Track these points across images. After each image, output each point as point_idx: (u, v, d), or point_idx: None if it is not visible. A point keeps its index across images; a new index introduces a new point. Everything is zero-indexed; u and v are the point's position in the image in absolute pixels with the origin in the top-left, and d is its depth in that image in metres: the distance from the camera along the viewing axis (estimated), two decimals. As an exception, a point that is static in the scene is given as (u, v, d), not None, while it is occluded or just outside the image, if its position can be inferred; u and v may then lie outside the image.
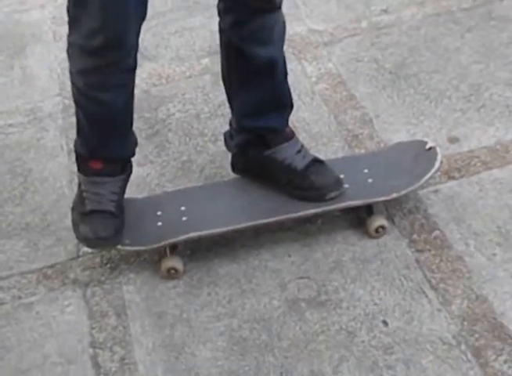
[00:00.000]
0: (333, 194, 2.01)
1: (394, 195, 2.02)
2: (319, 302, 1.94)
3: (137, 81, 2.67)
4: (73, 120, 2.03)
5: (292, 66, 2.65)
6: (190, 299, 2.00)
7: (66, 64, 1.92)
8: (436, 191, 2.17)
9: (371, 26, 2.82)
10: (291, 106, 2.11)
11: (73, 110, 2.02)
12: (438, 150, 2.09)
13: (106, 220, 1.95)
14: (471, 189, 2.16)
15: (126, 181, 2.04)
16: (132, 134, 2.09)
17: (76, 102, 1.96)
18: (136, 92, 2.60)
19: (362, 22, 2.85)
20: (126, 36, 1.79)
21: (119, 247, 2.00)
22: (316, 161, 2.06)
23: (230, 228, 2.01)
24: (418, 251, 2.03)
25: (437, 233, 2.07)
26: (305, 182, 2.02)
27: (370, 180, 2.07)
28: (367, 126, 2.42)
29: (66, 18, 1.82)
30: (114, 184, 1.99)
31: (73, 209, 2.03)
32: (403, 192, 2.02)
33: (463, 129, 2.35)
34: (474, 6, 2.82)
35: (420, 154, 2.10)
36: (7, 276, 2.14)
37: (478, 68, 2.56)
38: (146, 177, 2.36)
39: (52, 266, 2.14)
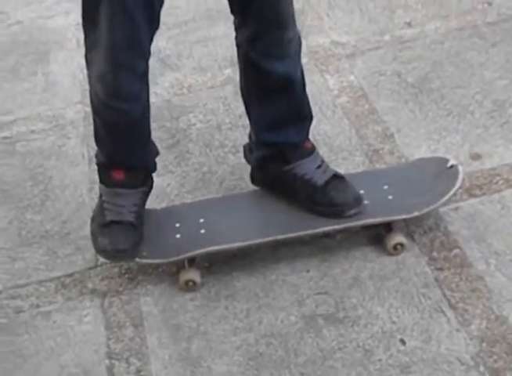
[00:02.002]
0: (352, 211, 2.00)
1: (415, 213, 2.01)
2: (337, 319, 1.93)
3: (158, 90, 2.73)
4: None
5: (314, 78, 2.65)
6: (207, 312, 2.00)
7: (88, 72, 1.94)
8: (457, 208, 2.16)
9: (394, 39, 2.81)
10: (311, 119, 2.10)
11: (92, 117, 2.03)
12: (459, 168, 2.08)
13: (125, 232, 1.96)
14: (493, 207, 2.15)
15: (147, 194, 2.05)
16: (152, 143, 2.10)
17: (93, 109, 1.97)
18: (157, 101, 2.65)
19: (385, 35, 2.84)
20: (136, 43, 1.80)
21: (137, 259, 2.00)
22: (336, 177, 2.05)
23: (248, 243, 2.01)
24: (437, 269, 2.01)
25: (457, 251, 2.05)
26: (325, 198, 2.01)
27: (390, 197, 2.06)
28: (388, 141, 2.41)
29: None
30: (135, 196, 2.00)
31: (92, 220, 2.04)
32: (424, 210, 2.01)
33: (485, 146, 2.33)
34: (499, 21, 2.81)
35: (441, 172, 2.09)
36: (26, 283, 2.15)
37: (502, 84, 2.54)
38: (165, 187, 2.36)
39: (70, 275, 2.15)
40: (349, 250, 2.09)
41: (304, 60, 2.11)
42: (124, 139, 1.97)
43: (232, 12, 1.92)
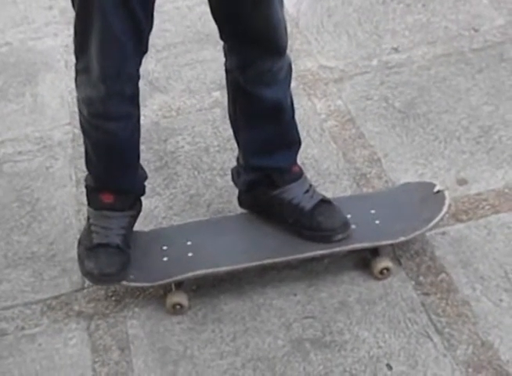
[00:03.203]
0: (340, 236, 2.01)
1: (402, 238, 2.02)
2: (324, 343, 1.93)
3: (147, 112, 2.74)
4: (83, 149, 2.04)
5: (302, 102, 2.67)
6: (194, 336, 1.99)
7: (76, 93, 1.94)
8: (443, 233, 2.17)
9: (381, 64, 2.83)
10: (299, 144, 2.12)
11: (82, 139, 2.03)
12: (446, 193, 2.09)
13: (111, 255, 1.96)
14: (479, 232, 2.16)
15: (135, 217, 2.05)
16: (141, 167, 2.10)
17: (83, 130, 1.98)
18: (146, 123, 2.66)
19: (372, 60, 2.86)
20: (124, 68, 1.81)
21: (124, 283, 1.99)
22: (324, 202, 2.06)
23: (236, 266, 2.01)
24: (424, 293, 2.02)
25: (443, 275, 2.06)
26: (312, 222, 2.02)
27: (377, 221, 2.07)
28: (375, 165, 2.42)
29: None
30: (123, 219, 2.00)
31: (79, 243, 2.04)
32: (410, 236, 2.02)
33: (471, 171, 2.35)
34: (485, 47, 2.84)
35: (427, 197, 2.10)
36: (11, 306, 2.14)
37: (488, 110, 2.57)
38: (153, 209, 2.36)
39: (56, 297, 2.14)
40: (336, 274, 2.09)
41: (292, 84, 2.12)
42: (113, 161, 1.97)
43: (222, 38, 1.92)
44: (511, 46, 2.82)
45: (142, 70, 1.88)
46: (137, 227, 2.12)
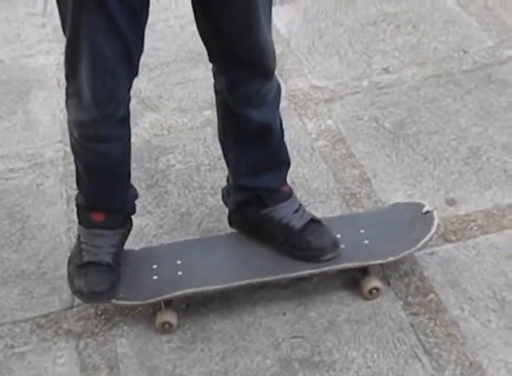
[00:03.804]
0: (329, 256, 2.02)
1: (391, 258, 2.03)
2: (312, 363, 1.94)
3: (139, 130, 2.75)
4: (74, 167, 2.05)
5: (293, 121, 2.69)
6: (183, 355, 1.99)
7: (68, 111, 1.95)
8: (432, 253, 2.18)
9: (372, 84, 2.85)
10: (288, 164, 2.13)
11: (73, 158, 2.04)
12: (434, 214, 2.11)
13: (101, 273, 1.96)
14: (467, 253, 2.17)
15: (126, 235, 2.05)
16: (132, 186, 2.11)
17: (73, 152, 1.98)
18: (137, 141, 2.67)
19: (363, 80, 2.88)
20: (115, 93, 1.82)
21: (113, 301, 2.00)
22: (314, 221, 2.07)
23: (225, 286, 2.01)
24: (413, 314, 2.03)
25: (432, 296, 2.07)
26: (302, 242, 2.03)
27: (366, 241, 2.08)
28: (365, 185, 2.44)
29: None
30: (114, 237, 2.00)
31: (69, 261, 2.04)
32: (399, 256, 2.03)
33: (460, 192, 2.37)
34: (474, 69, 2.87)
35: (416, 217, 2.12)
36: (0, 324, 2.13)
37: (477, 131, 2.59)
38: (143, 228, 2.37)
39: (46, 316, 2.14)
40: (325, 293, 2.10)
41: (283, 104, 2.14)
42: (103, 181, 1.98)
43: (211, 60, 1.93)
44: (499, 68, 2.85)
45: (133, 88, 1.89)
46: (127, 245, 2.12)
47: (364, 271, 2.07)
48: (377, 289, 2.06)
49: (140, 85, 2.91)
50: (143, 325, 2.08)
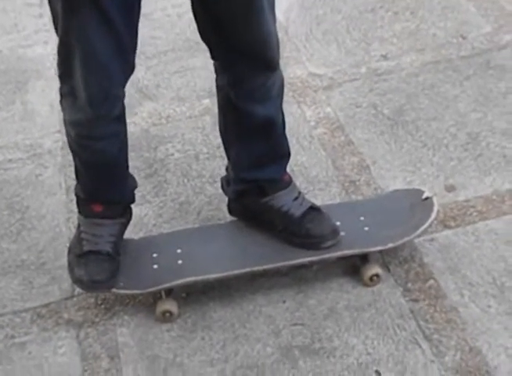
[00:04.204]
0: (329, 243, 2.02)
1: (390, 245, 2.03)
2: (313, 350, 1.94)
3: (137, 120, 2.74)
4: (72, 158, 2.05)
5: (292, 109, 2.68)
6: (184, 343, 2.00)
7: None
8: (432, 240, 2.18)
9: (370, 71, 2.84)
10: (289, 156, 2.11)
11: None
12: (434, 200, 2.11)
13: (101, 262, 1.96)
14: (467, 238, 2.17)
15: (125, 225, 2.05)
16: (131, 177, 2.10)
17: (71, 150, 1.98)
18: (136, 130, 2.67)
19: (361, 67, 2.87)
20: (110, 92, 1.80)
21: (113, 290, 2.00)
22: (313, 209, 2.07)
23: (225, 274, 2.01)
24: (412, 300, 2.03)
25: (432, 282, 2.07)
26: (302, 229, 2.03)
27: (366, 228, 2.08)
28: (364, 172, 2.44)
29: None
30: (113, 226, 2.00)
31: (69, 251, 2.04)
32: (399, 242, 2.03)
33: (459, 178, 2.37)
34: (472, 55, 2.86)
35: (416, 204, 2.12)
36: (0, 314, 2.13)
37: (476, 117, 2.58)
38: (143, 217, 2.36)
39: (46, 306, 2.14)
40: (325, 281, 2.10)
41: (281, 92, 2.13)
42: (101, 176, 1.98)
43: (213, 57, 1.90)
44: (498, 53, 2.84)
45: (131, 77, 1.88)
46: (127, 235, 2.12)
47: (364, 258, 2.07)
48: (377, 276, 2.06)
49: (138, 74, 2.90)
50: (144, 314, 2.08)
